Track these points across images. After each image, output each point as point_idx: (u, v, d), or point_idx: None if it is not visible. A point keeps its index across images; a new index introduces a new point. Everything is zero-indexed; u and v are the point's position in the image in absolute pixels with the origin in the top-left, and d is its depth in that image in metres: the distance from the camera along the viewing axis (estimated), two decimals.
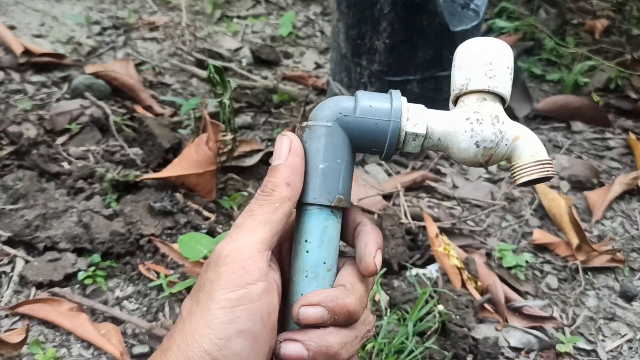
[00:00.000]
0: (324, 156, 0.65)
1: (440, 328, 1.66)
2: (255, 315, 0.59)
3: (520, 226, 2.08)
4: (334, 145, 0.65)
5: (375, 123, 0.65)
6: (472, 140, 0.64)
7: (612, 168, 2.41)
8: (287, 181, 0.64)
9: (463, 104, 0.66)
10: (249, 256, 0.61)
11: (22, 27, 2.71)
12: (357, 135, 0.65)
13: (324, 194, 0.66)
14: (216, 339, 0.57)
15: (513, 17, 3.19)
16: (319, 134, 0.65)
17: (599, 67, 2.87)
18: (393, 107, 0.66)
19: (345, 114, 0.65)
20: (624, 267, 1.99)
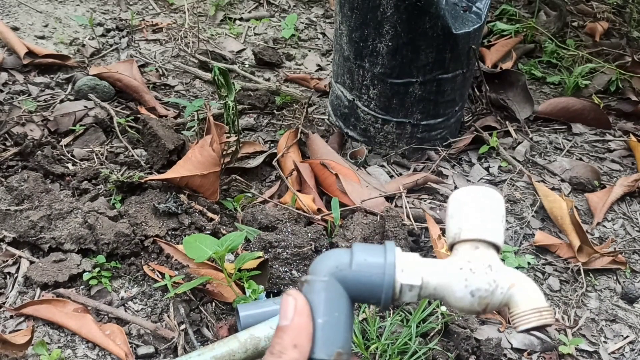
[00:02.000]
0: (323, 310, 0.66)
1: (443, 329, 1.67)
2: None
3: (522, 228, 2.09)
4: (331, 299, 0.66)
5: (370, 276, 0.66)
6: (466, 290, 0.64)
7: (613, 170, 2.42)
8: (294, 343, 0.63)
9: (457, 252, 0.67)
10: None
11: (25, 29, 2.71)
12: (354, 289, 0.67)
13: (323, 349, 0.65)
14: None
15: (514, 20, 3.20)
16: (317, 289, 0.66)
17: (600, 70, 2.88)
18: (387, 261, 0.67)
19: (341, 269, 0.66)
20: (626, 269, 2.00)
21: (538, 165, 2.38)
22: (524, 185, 2.27)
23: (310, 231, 1.82)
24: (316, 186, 2.10)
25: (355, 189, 2.04)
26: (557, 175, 2.33)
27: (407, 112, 2.25)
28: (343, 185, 2.03)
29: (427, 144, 2.35)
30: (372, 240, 1.86)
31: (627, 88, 2.82)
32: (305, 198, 2.00)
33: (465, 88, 2.34)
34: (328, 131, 2.42)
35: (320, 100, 2.62)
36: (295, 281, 1.74)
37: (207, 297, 1.73)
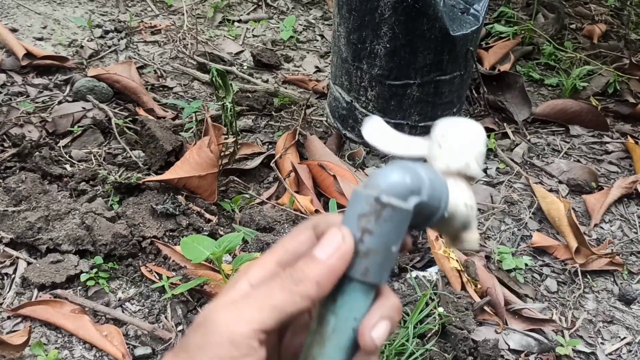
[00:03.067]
0: (397, 239, 0.60)
1: (440, 330, 1.67)
2: None
3: (519, 229, 2.09)
4: (405, 228, 0.61)
5: (433, 209, 0.63)
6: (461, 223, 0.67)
7: (611, 172, 2.42)
8: (318, 279, 0.59)
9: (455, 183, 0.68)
10: (242, 333, 0.56)
11: (24, 30, 2.72)
12: (421, 216, 0.62)
13: (386, 277, 0.62)
14: None
15: (512, 22, 3.21)
16: (401, 217, 0.59)
17: (598, 72, 2.88)
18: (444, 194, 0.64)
19: (420, 199, 0.61)
20: (623, 271, 2.00)
21: (536, 167, 2.38)
22: (522, 187, 2.27)
23: None
24: (314, 187, 2.10)
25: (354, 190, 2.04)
26: (554, 177, 2.34)
27: (405, 114, 2.25)
28: (341, 187, 2.03)
29: None
30: None
31: (624, 90, 2.83)
32: (303, 199, 2.00)
33: (463, 90, 2.34)
34: (326, 133, 2.42)
35: (319, 101, 2.63)
36: None
37: (204, 298, 1.73)
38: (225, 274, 1.64)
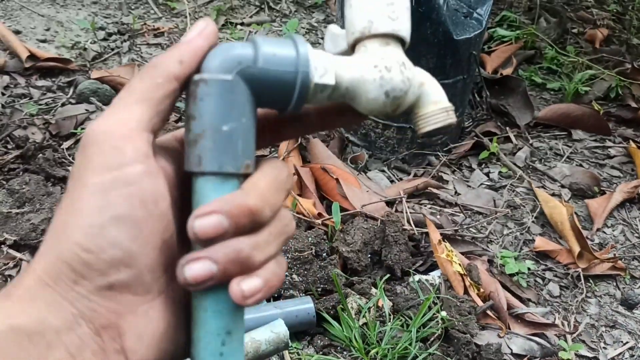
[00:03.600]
0: (228, 116, 0.54)
1: (443, 334, 1.67)
2: (133, 200, 0.49)
3: (522, 233, 2.10)
4: (237, 102, 0.54)
5: (283, 74, 0.55)
6: (381, 90, 0.57)
7: (613, 176, 2.42)
8: (180, 58, 0.53)
9: (365, 49, 0.59)
10: (122, 135, 0.50)
11: (27, 32, 2.72)
12: (261, 89, 0.55)
13: (231, 161, 0.54)
14: (87, 227, 0.48)
15: (514, 26, 3.21)
16: (219, 90, 0.54)
17: (600, 76, 2.89)
18: (300, 55, 0.56)
19: (247, 65, 0.54)
20: (625, 275, 2.00)
21: (538, 171, 2.39)
22: (524, 191, 2.27)
23: (310, 235, 1.82)
24: (317, 190, 2.10)
25: (356, 194, 2.04)
26: (557, 181, 2.34)
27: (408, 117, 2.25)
28: (344, 190, 2.03)
29: (427, 149, 2.35)
30: (373, 246, 1.86)
31: (627, 95, 2.83)
32: (306, 202, 2.00)
33: (465, 94, 2.34)
34: (329, 136, 2.42)
35: None
36: (295, 285, 1.74)
37: None
38: None
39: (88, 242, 0.48)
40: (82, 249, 0.48)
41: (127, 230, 0.49)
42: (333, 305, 1.69)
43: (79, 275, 0.48)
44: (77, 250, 0.47)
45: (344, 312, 1.67)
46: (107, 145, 0.50)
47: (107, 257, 0.48)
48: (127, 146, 0.50)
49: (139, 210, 0.49)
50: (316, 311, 1.66)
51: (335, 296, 1.71)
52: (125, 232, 0.49)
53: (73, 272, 0.48)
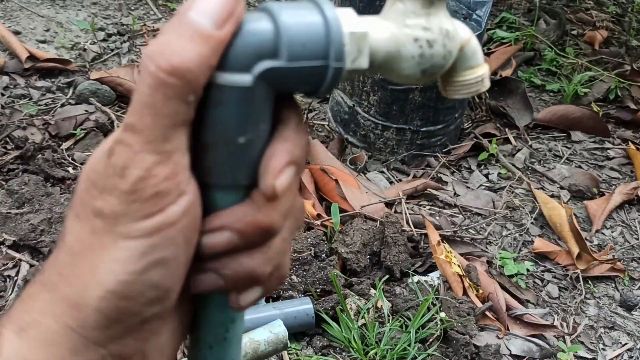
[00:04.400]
0: (245, 126, 0.45)
1: (442, 335, 1.68)
2: (176, 239, 0.45)
3: (521, 235, 2.10)
4: (256, 110, 0.45)
5: (311, 69, 0.45)
6: (418, 68, 0.49)
7: (612, 178, 2.43)
8: (210, 63, 0.43)
9: (404, 9, 0.49)
10: (166, 176, 0.43)
11: (27, 33, 2.72)
12: (285, 86, 0.46)
13: (245, 173, 0.47)
14: (125, 274, 0.43)
15: (513, 28, 3.21)
16: (236, 99, 0.44)
17: (599, 78, 2.89)
18: (332, 43, 0.45)
19: (270, 65, 0.44)
20: (624, 277, 2.00)
21: (537, 173, 2.39)
22: (523, 193, 2.27)
23: (309, 236, 1.82)
24: (316, 191, 2.10)
25: (355, 195, 2.04)
26: (556, 183, 2.34)
27: (407, 119, 2.25)
28: (343, 191, 2.03)
29: (426, 151, 2.35)
30: (372, 247, 1.86)
31: (625, 96, 2.83)
32: (305, 203, 2.00)
33: None
34: (328, 137, 2.43)
35: (321, 106, 2.63)
36: (294, 286, 1.74)
37: None
38: None
39: (126, 290, 0.44)
40: (119, 297, 0.44)
41: (169, 268, 0.45)
42: (332, 306, 1.69)
43: (112, 321, 0.45)
44: (111, 298, 0.44)
45: (343, 313, 1.67)
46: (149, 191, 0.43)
47: (145, 300, 0.45)
48: (170, 185, 0.44)
49: (181, 245, 0.46)
50: (315, 312, 1.66)
51: (334, 297, 1.71)
52: (167, 274, 0.46)
53: (105, 318, 0.44)
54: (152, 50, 0.42)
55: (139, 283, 0.44)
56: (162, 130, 0.42)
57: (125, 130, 0.43)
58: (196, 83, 0.42)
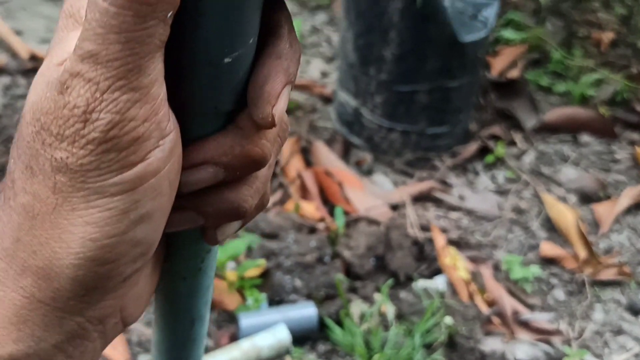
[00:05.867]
0: (232, 43, 0.36)
1: (447, 340, 1.66)
2: (161, 187, 0.38)
3: (527, 238, 2.08)
4: (245, 21, 0.36)
5: None
6: None
7: (619, 181, 2.41)
8: None
9: None
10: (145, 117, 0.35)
11: (29, 32, 2.71)
12: None
13: (231, 97, 0.39)
14: (105, 238, 0.36)
15: (520, 28, 3.19)
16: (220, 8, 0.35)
17: (606, 80, 2.87)
18: None
19: None
20: (631, 281, 1.98)
21: (544, 176, 2.37)
22: (530, 196, 2.26)
23: (313, 239, 1.81)
24: (320, 194, 2.08)
25: (359, 198, 2.03)
26: (562, 186, 2.32)
27: (413, 120, 2.24)
28: (347, 194, 2.02)
29: (432, 153, 2.33)
30: (376, 250, 1.85)
31: (633, 99, 2.81)
32: (309, 206, 1.99)
33: (471, 96, 2.33)
34: (332, 139, 2.41)
35: (325, 107, 2.61)
36: (298, 290, 1.72)
37: None
38: (229, 281, 1.62)
39: (106, 255, 0.37)
40: (98, 263, 0.37)
41: (152, 224, 0.39)
42: (336, 311, 1.68)
43: (90, 289, 0.38)
44: (90, 265, 0.37)
45: (346, 317, 1.66)
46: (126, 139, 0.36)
47: (128, 259, 0.38)
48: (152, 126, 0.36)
49: (163, 197, 0.38)
50: (319, 316, 1.65)
51: (338, 301, 1.70)
52: (152, 227, 0.39)
53: (83, 287, 0.38)
54: None
55: (122, 244, 0.37)
56: (135, 59, 0.33)
57: (83, 59, 0.33)
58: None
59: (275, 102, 0.39)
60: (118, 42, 0.32)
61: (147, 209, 0.38)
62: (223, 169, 0.40)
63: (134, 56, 0.33)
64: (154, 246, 0.40)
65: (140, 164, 0.36)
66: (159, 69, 0.35)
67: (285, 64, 0.40)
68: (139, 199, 0.37)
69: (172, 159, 0.38)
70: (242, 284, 1.64)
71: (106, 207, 0.36)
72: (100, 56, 0.33)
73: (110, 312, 0.41)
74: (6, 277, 0.38)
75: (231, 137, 0.40)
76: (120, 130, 0.34)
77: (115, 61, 0.33)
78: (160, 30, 0.33)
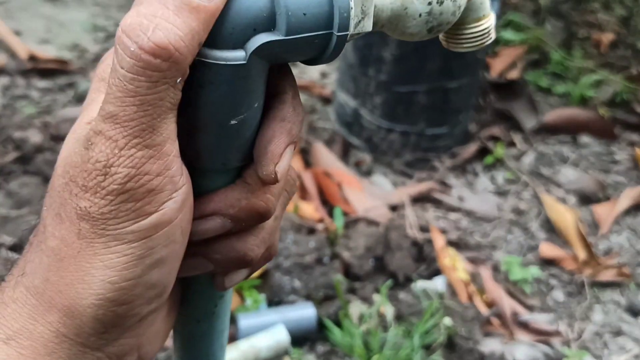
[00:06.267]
0: (238, 108, 0.40)
1: (446, 341, 1.66)
2: (174, 235, 0.41)
3: (526, 239, 2.08)
4: (251, 89, 0.40)
5: (313, 40, 0.40)
6: (425, 26, 0.45)
7: (618, 182, 2.40)
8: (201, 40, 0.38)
9: None
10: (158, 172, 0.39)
11: (28, 33, 2.71)
12: (282, 59, 0.42)
13: (237, 155, 0.43)
14: (122, 281, 0.40)
15: (520, 29, 3.19)
16: (228, 78, 0.38)
17: (605, 81, 2.87)
18: (338, 8, 0.40)
19: (267, 39, 0.38)
20: (630, 282, 1.98)
21: (543, 177, 2.37)
22: (529, 197, 2.25)
23: (312, 240, 1.81)
24: (319, 195, 2.08)
25: (359, 198, 2.03)
26: (562, 187, 2.32)
27: (412, 121, 2.24)
28: (346, 194, 2.02)
29: (431, 153, 2.33)
30: (375, 251, 1.84)
31: (632, 100, 2.81)
32: (308, 207, 1.99)
33: (470, 97, 2.33)
34: (331, 139, 2.41)
35: (324, 108, 2.61)
36: (296, 291, 1.72)
37: None
38: None
39: (123, 296, 0.41)
40: (117, 303, 0.41)
41: (167, 268, 0.43)
42: (335, 311, 1.68)
43: (109, 326, 0.42)
44: (109, 305, 0.41)
45: (345, 318, 1.65)
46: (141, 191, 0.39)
47: (144, 301, 0.42)
48: (164, 180, 0.40)
49: (177, 244, 0.42)
50: (317, 317, 1.65)
51: (337, 302, 1.70)
52: (166, 272, 0.43)
53: (102, 325, 0.41)
54: (131, 25, 0.36)
55: (138, 286, 0.41)
56: (149, 120, 0.37)
57: (105, 119, 0.38)
58: (185, 63, 0.37)
59: (279, 160, 0.44)
60: (134, 104, 0.37)
61: (162, 255, 0.41)
62: (230, 220, 0.44)
63: (148, 117, 0.37)
64: (169, 289, 0.44)
65: (155, 213, 0.40)
66: (171, 129, 0.39)
67: (289, 126, 0.45)
68: (153, 246, 0.41)
69: (184, 210, 0.42)
70: (240, 285, 1.63)
71: (124, 253, 0.40)
72: (119, 117, 0.37)
73: (128, 349, 0.44)
74: (36, 312, 0.42)
75: (238, 191, 0.45)
76: (136, 183, 0.38)
77: (131, 121, 0.37)
78: (170, 94, 0.38)
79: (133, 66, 0.36)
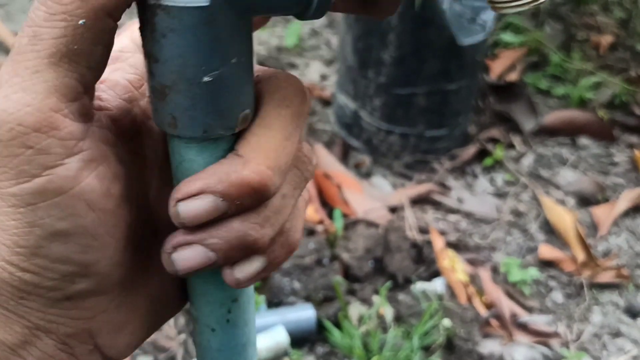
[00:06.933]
0: (209, 61, 0.35)
1: (445, 342, 1.66)
2: (75, 207, 0.36)
3: (525, 241, 2.08)
4: (221, 38, 0.35)
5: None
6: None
7: (617, 184, 2.41)
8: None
9: None
10: (37, 123, 0.34)
11: None
12: (257, 8, 0.36)
13: (220, 121, 0.37)
14: (17, 248, 0.36)
15: (519, 32, 3.19)
16: (190, 24, 0.34)
17: (604, 83, 2.87)
18: None
19: None
20: (629, 284, 1.98)
21: (542, 178, 2.37)
22: (528, 198, 2.26)
23: (311, 242, 1.81)
24: (318, 196, 2.09)
25: (358, 200, 2.03)
26: (561, 189, 2.32)
27: (411, 123, 2.24)
28: (345, 196, 2.02)
29: (431, 155, 2.33)
30: (375, 253, 1.85)
31: (631, 102, 2.81)
32: (308, 208, 1.99)
33: (470, 99, 2.33)
34: (331, 141, 2.41)
35: (323, 110, 2.61)
36: (296, 292, 1.72)
37: None
38: None
39: (24, 263, 0.36)
40: (19, 269, 0.36)
41: (75, 244, 0.37)
42: (334, 313, 1.68)
43: (24, 292, 0.37)
44: (13, 270, 0.36)
45: (345, 319, 1.66)
46: (17, 143, 0.34)
47: (55, 275, 0.37)
48: (48, 141, 0.35)
49: (87, 215, 0.37)
50: (317, 318, 1.65)
51: (336, 303, 1.70)
52: (72, 246, 0.37)
53: (16, 289, 0.37)
54: None
55: (37, 256, 0.36)
56: (34, 57, 0.33)
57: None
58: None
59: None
60: (27, 35, 0.33)
61: (59, 228, 0.36)
62: (221, 198, 0.38)
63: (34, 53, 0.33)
64: (97, 270, 0.38)
65: (37, 178, 0.35)
66: (60, 80, 0.34)
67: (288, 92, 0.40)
68: (44, 216, 0.36)
69: (89, 182, 0.36)
70: None
71: (12, 217, 0.35)
72: (14, 47, 0.34)
73: (73, 332, 0.40)
74: None
75: (227, 164, 0.38)
76: (9, 132, 0.34)
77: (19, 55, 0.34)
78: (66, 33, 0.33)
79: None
